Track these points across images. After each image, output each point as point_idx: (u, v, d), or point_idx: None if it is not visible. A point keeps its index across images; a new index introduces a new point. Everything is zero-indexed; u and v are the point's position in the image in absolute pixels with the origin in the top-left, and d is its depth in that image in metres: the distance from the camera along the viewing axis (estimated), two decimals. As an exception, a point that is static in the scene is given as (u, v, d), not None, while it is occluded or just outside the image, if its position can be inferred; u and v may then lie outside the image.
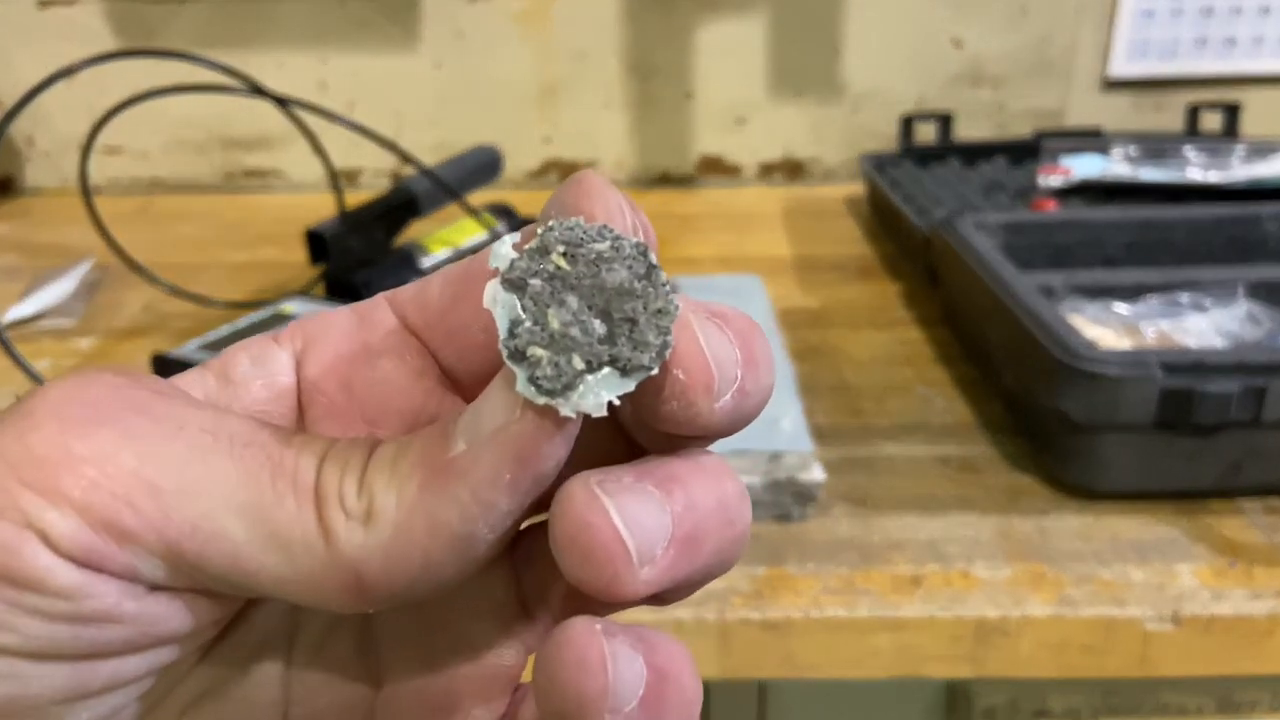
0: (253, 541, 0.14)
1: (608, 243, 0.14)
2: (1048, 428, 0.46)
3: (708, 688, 0.47)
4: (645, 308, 0.13)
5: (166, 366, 0.52)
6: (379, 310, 0.17)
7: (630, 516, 0.14)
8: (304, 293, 0.62)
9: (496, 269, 0.14)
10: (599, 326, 0.13)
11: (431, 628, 0.17)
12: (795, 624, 0.38)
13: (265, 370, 0.17)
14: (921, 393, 0.54)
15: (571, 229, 0.14)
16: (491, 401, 0.14)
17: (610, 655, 0.14)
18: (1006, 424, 0.50)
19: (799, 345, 0.59)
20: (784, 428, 0.45)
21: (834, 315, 0.64)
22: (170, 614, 0.14)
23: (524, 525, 0.16)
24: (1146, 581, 0.39)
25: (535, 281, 0.13)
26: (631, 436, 0.16)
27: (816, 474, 0.43)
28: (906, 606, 0.39)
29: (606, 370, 0.13)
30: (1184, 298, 0.52)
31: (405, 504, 0.14)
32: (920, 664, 0.39)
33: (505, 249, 0.14)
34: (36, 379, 0.51)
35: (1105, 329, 0.51)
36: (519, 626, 0.17)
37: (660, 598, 0.15)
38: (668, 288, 0.14)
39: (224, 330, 0.56)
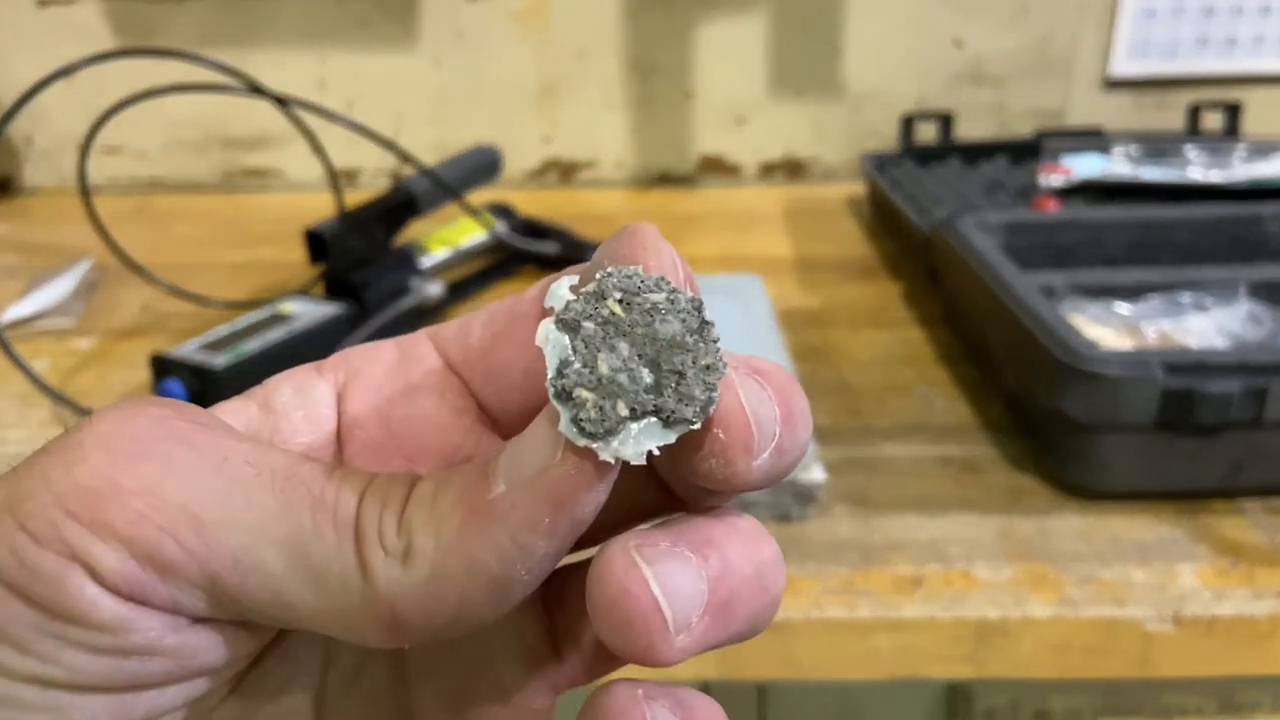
0: (292, 575, 0.14)
1: (664, 294, 0.14)
2: (1049, 428, 0.45)
3: (707, 690, 0.47)
4: (694, 362, 0.14)
5: (165, 366, 0.52)
6: (421, 346, 0.17)
7: (668, 584, 0.14)
8: (303, 292, 0.62)
9: (551, 308, 0.14)
10: (647, 375, 0.13)
11: (463, 667, 0.17)
12: (795, 625, 0.38)
13: (307, 401, 0.17)
14: (922, 393, 0.54)
15: (629, 277, 0.14)
16: (532, 442, 0.14)
17: None
18: (1007, 424, 0.50)
19: (799, 345, 0.59)
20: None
21: (834, 315, 0.64)
22: (209, 646, 0.14)
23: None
24: (1148, 582, 0.39)
25: (589, 325, 0.13)
26: (664, 484, 0.16)
27: (817, 474, 0.43)
28: (907, 607, 0.38)
29: (650, 420, 0.13)
30: (1185, 297, 0.52)
31: (443, 544, 0.14)
32: (921, 665, 0.39)
33: (563, 290, 0.14)
34: (35, 379, 0.51)
35: (1106, 329, 0.51)
36: (549, 668, 0.18)
37: None
38: (718, 345, 0.14)
39: (223, 330, 0.56)
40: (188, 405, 0.15)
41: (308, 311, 0.58)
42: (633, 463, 0.13)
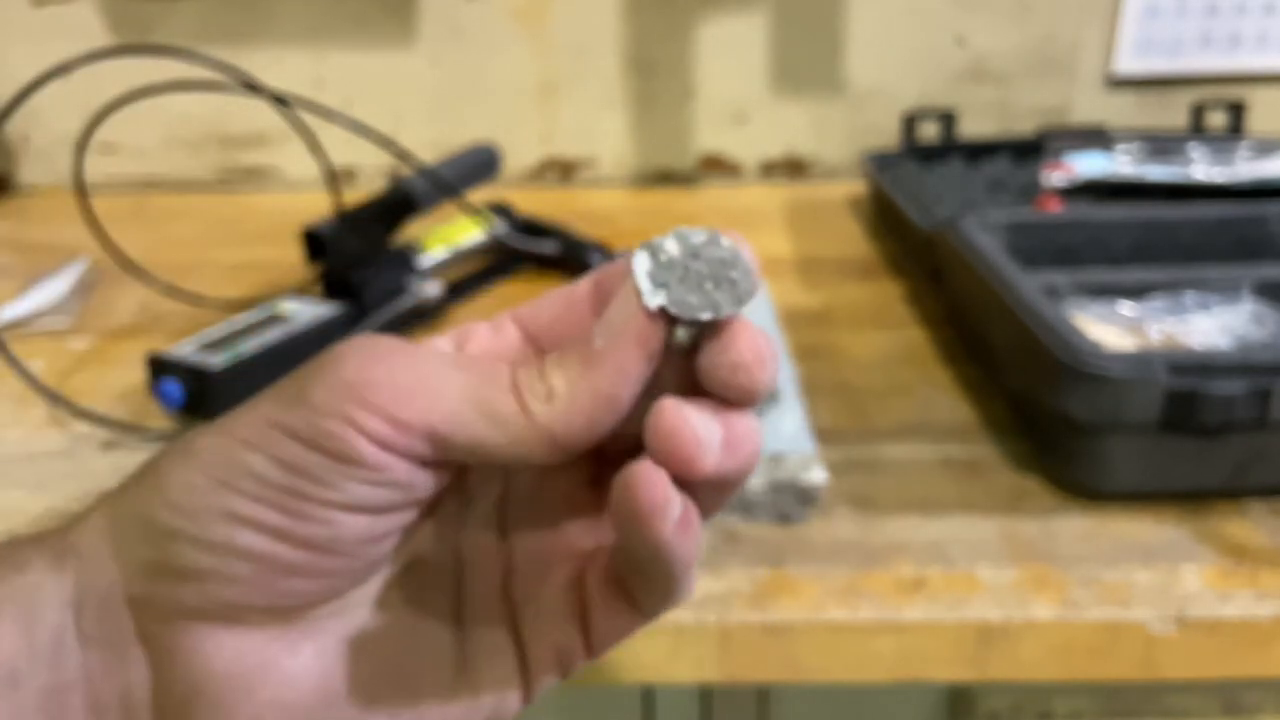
0: (481, 422, 0.21)
1: (727, 252, 0.22)
2: (1052, 429, 0.45)
3: (708, 691, 0.47)
4: (733, 285, 0.22)
5: (162, 367, 0.52)
6: (506, 323, 0.25)
7: (701, 423, 0.21)
8: (301, 292, 0.62)
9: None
10: (705, 277, 0.22)
11: (538, 516, 0.25)
12: (796, 627, 0.38)
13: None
14: (924, 393, 0.54)
15: (707, 243, 0.23)
16: (618, 309, 0.21)
17: (666, 482, 0.21)
18: (1010, 425, 0.50)
19: (801, 345, 0.59)
20: (785, 428, 0.45)
21: (836, 315, 0.64)
22: (427, 480, 0.22)
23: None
24: (1151, 584, 0.39)
25: (679, 255, 0.22)
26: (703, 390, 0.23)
27: (818, 475, 0.42)
28: (909, 609, 0.38)
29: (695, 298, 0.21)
30: (1189, 297, 0.52)
31: (572, 383, 0.21)
32: (923, 667, 0.39)
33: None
34: (31, 379, 0.51)
35: (1110, 329, 0.51)
36: (594, 518, 0.26)
37: (709, 497, 0.22)
38: (749, 289, 0.22)
39: (220, 330, 0.55)
40: (397, 338, 0.23)
41: (305, 311, 0.58)
42: (648, 304, 0.21)
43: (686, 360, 0.22)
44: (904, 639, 0.38)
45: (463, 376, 0.22)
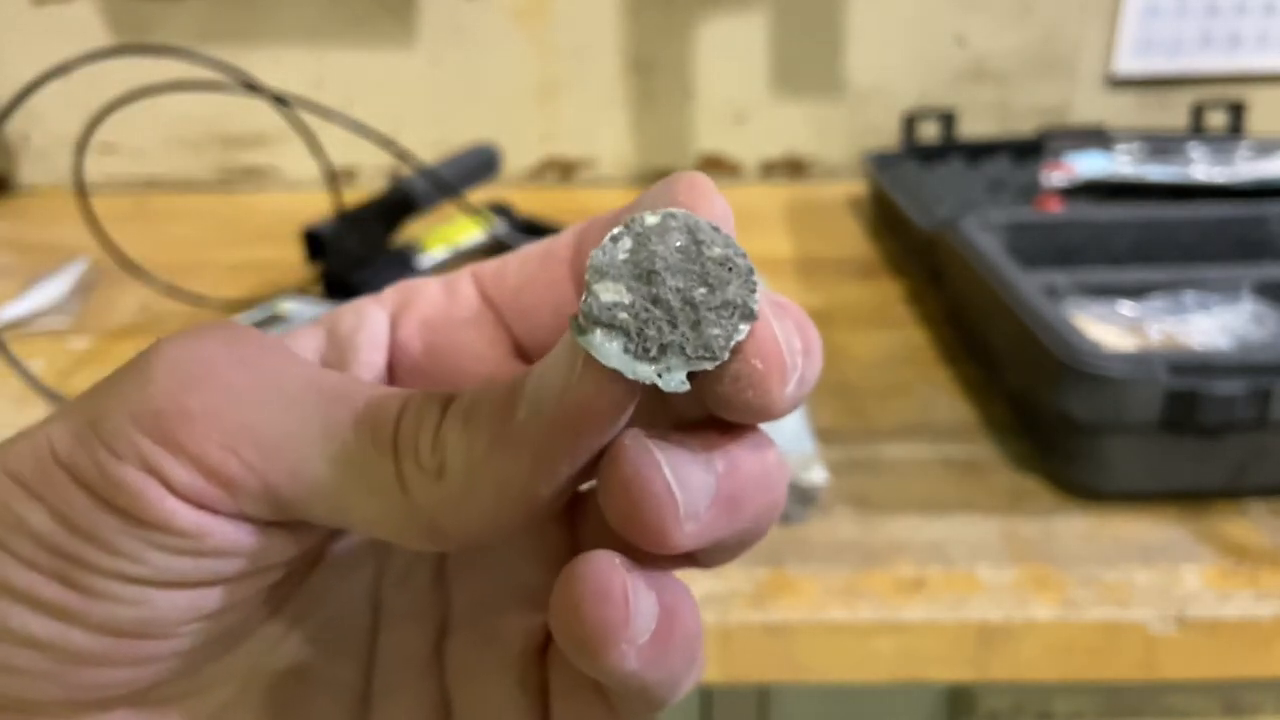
0: (341, 487, 0.15)
1: (721, 249, 0.14)
2: (1052, 429, 0.45)
3: (708, 691, 0.47)
4: (726, 304, 0.14)
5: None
6: (463, 282, 0.19)
7: (679, 472, 0.14)
8: (301, 292, 0.62)
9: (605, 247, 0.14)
10: (686, 313, 0.14)
11: (493, 571, 0.19)
12: (796, 627, 0.38)
13: (366, 325, 0.18)
14: (924, 393, 0.54)
15: (695, 224, 0.14)
16: (554, 368, 0.14)
17: (632, 588, 0.14)
18: (1010, 425, 0.50)
19: (800, 345, 0.59)
20: (786, 428, 0.45)
21: (836, 315, 0.64)
22: (277, 545, 0.16)
23: (584, 488, 0.17)
24: (1151, 584, 0.39)
25: (645, 259, 0.14)
26: (679, 413, 0.16)
27: (818, 475, 0.42)
28: (909, 609, 0.38)
29: (679, 354, 0.13)
30: (1189, 297, 0.52)
31: (473, 464, 0.14)
32: (923, 667, 0.39)
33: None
34: (31, 380, 0.51)
35: (1110, 329, 0.51)
36: None
37: (700, 558, 0.16)
38: (755, 288, 0.14)
39: (220, 329, 0.55)
40: (249, 329, 0.16)
41: (305, 311, 0.58)
42: (666, 390, 0.13)
43: None
44: (904, 639, 0.38)
45: (322, 413, 0.15)
